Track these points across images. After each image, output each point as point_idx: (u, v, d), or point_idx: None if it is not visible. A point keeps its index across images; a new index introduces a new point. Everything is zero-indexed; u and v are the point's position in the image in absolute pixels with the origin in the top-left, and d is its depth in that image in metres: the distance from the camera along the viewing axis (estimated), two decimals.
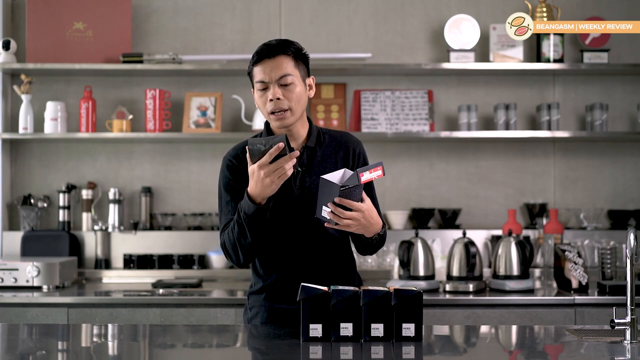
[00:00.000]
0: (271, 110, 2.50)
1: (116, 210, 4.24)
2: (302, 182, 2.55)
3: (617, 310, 2.31)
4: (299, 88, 2.52)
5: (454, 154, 4.38)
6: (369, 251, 2.60)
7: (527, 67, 4.19)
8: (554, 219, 4.04)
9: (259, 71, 2.52)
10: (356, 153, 2.63)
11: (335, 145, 2.62)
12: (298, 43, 2.57)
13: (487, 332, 2.72)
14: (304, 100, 2.55)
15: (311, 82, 2.60)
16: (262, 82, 2.51)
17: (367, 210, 2.39)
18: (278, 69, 2.49)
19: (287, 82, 2.49)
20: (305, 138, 2.61)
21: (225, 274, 4.17)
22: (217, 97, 4.26)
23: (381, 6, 4.37)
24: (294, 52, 2.53)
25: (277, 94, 2.48)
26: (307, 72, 2.59)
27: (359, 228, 2.41)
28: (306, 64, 2.58)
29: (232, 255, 2.52)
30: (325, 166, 2.58)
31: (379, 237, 2.53)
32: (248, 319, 2.68)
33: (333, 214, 2.35)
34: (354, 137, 2.68)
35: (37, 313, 3.54)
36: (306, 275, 2.54)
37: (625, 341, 2.27)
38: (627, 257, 2.32)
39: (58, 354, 2.35)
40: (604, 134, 4.19)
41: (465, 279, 3.68)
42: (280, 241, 2.56)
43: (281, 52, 2.51)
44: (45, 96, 4.29)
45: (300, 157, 2.57)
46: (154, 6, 4.37)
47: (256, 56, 2.53)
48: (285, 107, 2.49)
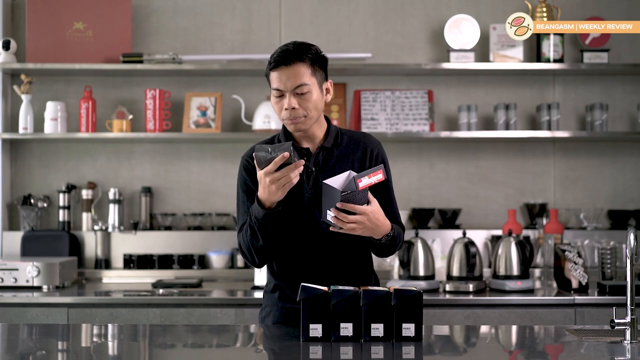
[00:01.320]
0: (286, 117, 2.50)
1: (116, 210, 4.24)
2: (315, 182, 2.54)
3: (617, 310, 2.31)
4: (315, 95, 2.50)
5: (454, 154, 4.38)
6: (382, 253, 2.58)
7: (527, 67, 4.19)
8: (554, 219, 4.04)
9: (275, 78, 2.49)
10: (374, 154, 2.61)
11: (353, 146, 2.61)
12: (316, 47, 2.54)
13: (487, 332, 2.72)
14: (320, 106, 2.53)
15: (328, 86, 2.58)
16: (278, 90, 2.49)
17: (372, 213, 2.37)
18: (294, 77, 2.47)
19: (303, 91, 2.47)
20: (323, 138, 2.59)
21: (225, 274, 4.17)
22: (217, 97, 4.26)
23: (381, 6, 4.37)
24: (311, 58, 2.50)
25: (292, 104, 2.47)
26: (325, 76, 2.56)
27: (365, 231, 2.39)
28: (324, 67, 2.56)
29: (248, 256, 2.53)
30: (341, 167, 2.56)
31: (389, 239, 2.49)
32: (262, 317, 2.67)
33: (337, 219, 2.35)
34: (373, 138, 2.67)
35: (37, 313, 3.54)
36: (320, 275, 2.52)
37: (625, 341, 2.27)
38: (627, 257, 2.32)
39: (58, 354, 2.35)
40: (604, 134, 4.19)
41: (465, 279, 3.68)
42: (293, 241, 2.55)
43: (298, 59, 2.47)
44: (45, 96, 4.29)
45: (316, 157, 2.56)
46: (154, 6, 4.37)
47: (273, 62, 2.49)
48: (301, 115, 2.49)
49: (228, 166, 4.34)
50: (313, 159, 2.56)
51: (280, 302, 2.60)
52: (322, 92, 2.54)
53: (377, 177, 2.32)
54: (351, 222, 2.34)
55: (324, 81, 2.56)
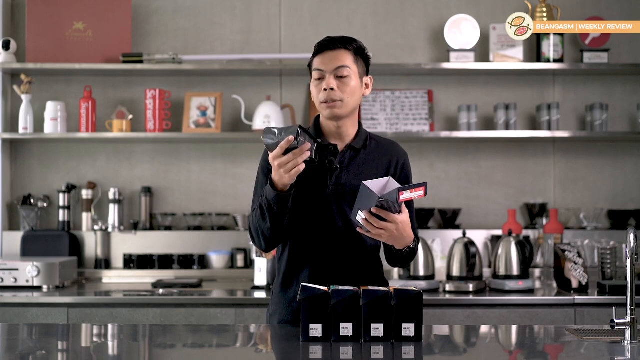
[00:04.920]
0: (324, 99, 2.51)
1: (116, 210, 4.24)
2: (337, 179, 2.54)
3: (617, 310, 2.31)
4: (355, 82, 2.52)
5: (454, 154, 4.38)
6: (398, 263, 2.58)
7: (527, 67, 4.19)
8: (554, 219, 4.04)
9: (318, 61, 2.53)
10: (399, 164, 2.63)
11: (380, 152, 2.62)
12: (362, 42, 2.58)
13: (487, 332, 2.72)
14: (357, 95, 2.55)
15: (368, 82, 2.60)
16: (319, 71, 2.52)
17: (402, 223, 2.36)
18: (336, 60, 2.50)
19: (343, 74, 2.50)
20: (352, 138, 2.60)
21: (225, 274, 4.17)
22: (217, 97, 4.26)
23: (381, 6, 4.37)
24: (355, 48, 2.54)
25: (331, 84, 2.49)
26: (366, 71, 2.59)
27: (390, 239, 2.39)
28: (367, 63, 2.59)
29: (255, 238, 2.52)
30: (365, 169, 2.56)
31: (410, 250, 2.49)
32: (268, 315, 2.66)
33: (367, 222, 2.34)
34: (401, 148, 2.68)
35: (37, 313, 3.54)
36: (329, 272, 2.52)
37: (625, 341, 2.27)
38: (627, 257, 2.32)
39: (58, 354, 2.35)
40: (604, 134, 4.19)
41: (465, 279, 3.68)
42: (307, 236, 2.54)
43: (342, 46, 2.52)
44: (45, 96, 4.29)
45: (343, 155, 2.57)
46: (154, 6, 4.37)
47: (318, 47, 2.54)
48: (338, 98, 2.50)
49: (228, 166, 4.34)
50: (340, 156, 2.56)
51: (288, 300, 2.59)
52: (361, 83, 2.56)
53: (417, 194, 2.30)
54: (381, 227, 2.34)
55: (365, 75, 2.58)
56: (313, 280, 2.49)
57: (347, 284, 2.45)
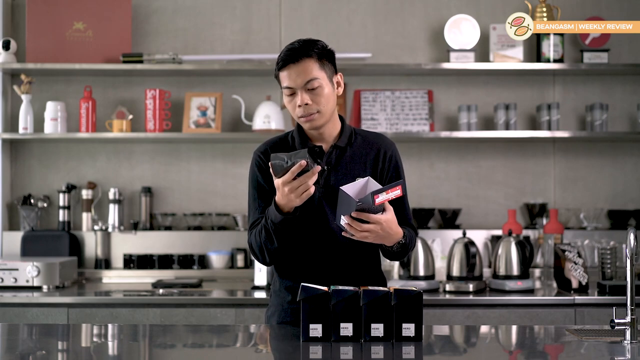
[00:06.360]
0: (300, 114, 2.49)
1: (116, 210, 4.24)
2: (327, 181, 2.53)
3: (617, 310, 2.31)
4: (327, 89, 2.50)
5: (454, 154, 4.38)
6: (393, 258, 2.57)
7: (527, 67, 4.19)
8: (554, 219, 4.04)
9: (284, 77, 2.49)
10: (387, 155, 2.60)
11: (367, 147, 2.60)
12: (322, 41, 2.53)
13: (487, 332, 2.72)
14: (332, 100, 2.53)
15: (339, 79, 2.57)
16: (289, 88, 2.49)
17: (387, 222, 2.35)
18: (303, 74, 2.46)
19: (313, 86, 2.47)
20: (336, 137, 2.59)
21: (225, 274, 4.17)
22: (217, 97, 4.26)
23: (381, 6, 4.37)
24: (318, 52, 2.49)
25: (305, 100, 2.47)
26: (334, 70, 2.56)
27: (377, 239, 2.38)
28: (332, 61, 2.55)
29: (259, 256, 2.52)
30: (353, 167, 2.56)
31: (400, 246, 2.48)
32: (267, 316, 2.66)
33: (350, 225, 2.34)
34: (387, 139, 2.65)
35: (37, 313, 3.54)
36: (327, 274, 2.52)
37: (625, 341, 2.27)
38: (627, 257, 2.32)
39: (58, 354, 2.35)
40: (604, 134, 4.19)
41: (465, 279, 3.68)
42: (302, 239, 2.54)
43: (305, 55, 2.47)
44: (45, 96, 4.29)
45: (329, 156, 2.56)
46: (154, 6, 4.37)
47: (281, 62, 2.49)
48: (314, 110, 2.48)
49: (228, 166, 4.34)
50: (326, 157, 2.55)
51: (286, 301, 2.59)
52: (333, 85, 2.54)
53: (394, 193, 2.29)
54: (364, 230, 2.34)
55: (334, 74, 2.55)
56: (311, 281, 2.49)
57: (345, 282, 2.45)
